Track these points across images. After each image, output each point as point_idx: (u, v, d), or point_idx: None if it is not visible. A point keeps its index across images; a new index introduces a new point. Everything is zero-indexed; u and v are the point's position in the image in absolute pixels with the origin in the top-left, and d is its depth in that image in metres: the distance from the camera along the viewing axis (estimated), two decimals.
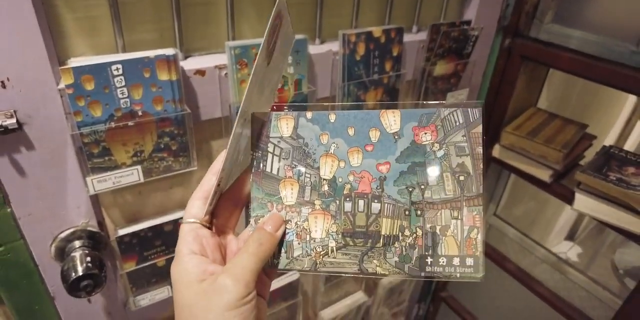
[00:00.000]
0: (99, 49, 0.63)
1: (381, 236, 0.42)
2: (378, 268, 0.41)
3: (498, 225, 1.53)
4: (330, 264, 0.42)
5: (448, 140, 0.41)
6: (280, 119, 0.43)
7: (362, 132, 0.42)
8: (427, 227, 0.41)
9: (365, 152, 0.42)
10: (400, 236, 0.42)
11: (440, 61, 0.95)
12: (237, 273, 0.37)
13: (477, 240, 0.40)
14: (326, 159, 0.43)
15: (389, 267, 0.41)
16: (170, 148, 0.66)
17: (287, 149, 0.43)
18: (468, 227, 0.41)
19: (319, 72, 0.79)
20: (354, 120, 0.42)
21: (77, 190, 0.64)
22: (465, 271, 0.40)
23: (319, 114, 0.43)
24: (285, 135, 0.43)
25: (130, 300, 0.78)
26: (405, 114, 0.42)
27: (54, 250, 0.66)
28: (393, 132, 0.42)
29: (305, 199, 0.43)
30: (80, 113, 0.58)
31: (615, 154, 1.05)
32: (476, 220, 0.40)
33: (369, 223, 0.42)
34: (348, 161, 0.42)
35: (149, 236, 0.74)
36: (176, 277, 0.38)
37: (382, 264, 0.41)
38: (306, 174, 0.43)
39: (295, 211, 0.43)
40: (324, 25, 0.80)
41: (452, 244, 0.41)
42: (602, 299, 1.28)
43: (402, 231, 0.42)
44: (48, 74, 0.55)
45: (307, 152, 0.43)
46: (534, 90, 1.25)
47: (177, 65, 0.62)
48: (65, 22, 0.58)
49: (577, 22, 1.01)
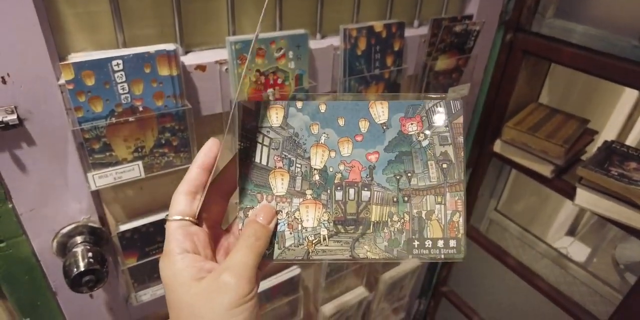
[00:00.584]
0: (99, 44, 0.62)
1: (371, 223, 0.43)
2: (369, 253, 0.43)
3: (499, 220, 1.53)
4: (322, 251, 0.43)
5: (432, 131, 0.44)
6: (269, 109, 0.43)
7: (352, 123, 0.43)
8: (414, 213, 0.43)
9: (355, 142, 0.43)
10: (389, 222, 0.43)
11: (442, 56, 0.94)
12: (239, 270, 0.36)
13: (459, 223, 0.43)
14: (317, 149, 0.43)
15: (379, 251, 0.43)
16: (171, 143, 0.66)
17: (277, 139, 0.43)
18: (451, 211, 0.43)
19: (320, 67, 0.79)
20: (343, 110, 0.43)
21: (78, 186, 0.64)
22: (449, 252, 0.43)
23: (309, 104, 0.43)
24: (275, 125, 0.43)
25: (132, 295, 0.78)
26: (393, 105, 0.43)
27: (56, 245, 0.66)
28: (381, 123, 0.43)
29: (296, 189, 0.43)
30: (81, 109, 0.58)
31: (617, 149, 1.05)
32: (458, 204, 0.43)
33: (360, 210, 0.44)
34: (339, 151, 0.43)
35: (151, 231, 0.74)
36: (170, 278, 0.36)
37: (372, 249, 0.43)
38: (297, 164, 0.43)
39: (286, 201, 0.43)
40: (325, 20, 0.80)
41: (437, 227, 0.43)
42: (603, 294, 1.28)
43: (390, 217, 0.43)
44: (48, 69, 0.55)
45: (298, 142, 0.43)
46: (535, 85, 1.25)
47: (178, 61, 0.62)
48: (65, 17, 0.58)
49: (579, 17, 1.00)
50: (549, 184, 1.10)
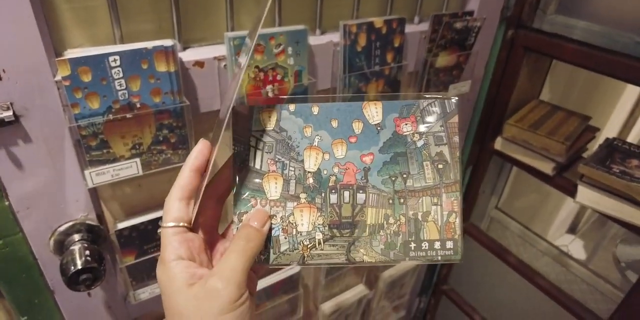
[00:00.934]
0: (96, 40, 0.62)
1: (367, 225, 0.43)
2: (365, 257, 0.43)
3: (500, 218, 1.52)
4: (318, 256, 0.42)
5: (427, 131, 0.43)
6: (262, 112, 0.43)
7: (345, 124, 0.43)
8: (410, 214, 0.43)
9: (349, 144, 0.43)
10: (385, 224, 0.43)
11: (442, 52, 0.93)
12: (227, 275, 0.35)
13: (456, 224, 0.43)
14: (310, 151, 0.43)
15: (375, 255, 0.43)
16: (169, 140, 0.65)
17: (270, 143, 0.43)
18: (447, 212, 0.43)
19: (320, 64, 0.78)
20: (337, 112, 0.43)
21: (75, 183, 0.64)
22: (446, 254, 0.43)
23: (302, 107, 0.43)
24: (268, 128, 0.43)
25: (131, 293, 0.78)
26: (387, 106, 0.43)
27: (53, 243, 0.66)
28: (375, 124, 0.43)
29: (290, 193, 0.43)
30: (78, 105, 0.57)
31: (618, 146, 1.04)
32: (454, 205, 0.43)
33: (355, 213, 0.43)
34: (332, 153, 0.43)
35: (149, 229, 0.73)
36: (165, 284, 0.36)
37: (368, 252, 0.43)
38: (290, 168, 0.43)
39: (280, 206, 0.43)
40: (325, 16, 0.79)
41: (433, 228, 0.43)
42: (604, 291, 1.28)
43: (386, 219, 0.43)
44: (44, 65, 0.54)
45: (291, 145, 0.43)
46: (536, 82, 1.24)
47: (176, 57, 0.61)
48: (61, 12, 0.57)
49: (581, 13, 0.99)
50: (550, 181, 1.09)
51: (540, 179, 1.11)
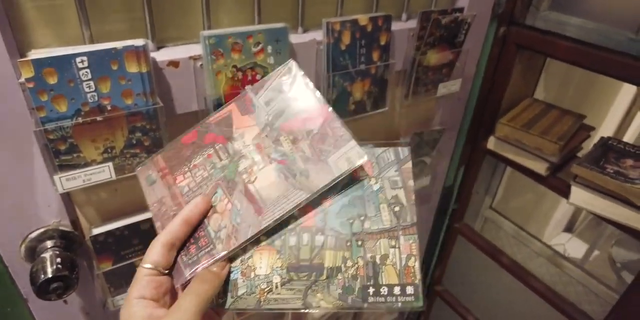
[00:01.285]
0: (65, 40, 0.59)
1: (324, 268, 0.43)
2: (322, 302, 0.42)
3: (494, 218, 1.50)
4: (274, 300, 0.42)
5: (382, 175, 0.45)
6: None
7: None
8: (368, 257, 0.43)
9: None
10: (342, 267, 0.43)
11: (431, 50, 0.91)
12: (179, 316, 0.36)
13: (415, 268, 0.42)
14: None
15: (332, 300, 0.42)
16: (143, 144, 0.63)
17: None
18: (406, 255, 0.43)
19: (302, 63, 0.76)
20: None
21: (45, 189, 0.61)
22: (407, 300, 0.42)
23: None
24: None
25: (109, 300, 0.75)
26: None
27: (24, 250, 0.64)
28: None
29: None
30: (44, 108, 0.54)
31: (613, 146, 1.02)
32: (412, 248, 0.43)
33: (313, 256, 0.43)
34: None
35: (126, 235, 0.71)
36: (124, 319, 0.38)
37: (325, 297, 0.42)
38: None
39: (240, 249, 0.43)
40: (307, 14, 0.77)
41: (392, 272, 0.42)
42: (599, 293, 1.26)
43: (344, 262, 0.43)
44: (7, 67, 0.52)
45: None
46: (530, 80, 1.21)
47: (148, 57, 0.58)
48: (25, 11, 0.55)
49: (574, 9, 0.97)
50: (543, 182, 1.07)
51: (534, 180, 1.09)
